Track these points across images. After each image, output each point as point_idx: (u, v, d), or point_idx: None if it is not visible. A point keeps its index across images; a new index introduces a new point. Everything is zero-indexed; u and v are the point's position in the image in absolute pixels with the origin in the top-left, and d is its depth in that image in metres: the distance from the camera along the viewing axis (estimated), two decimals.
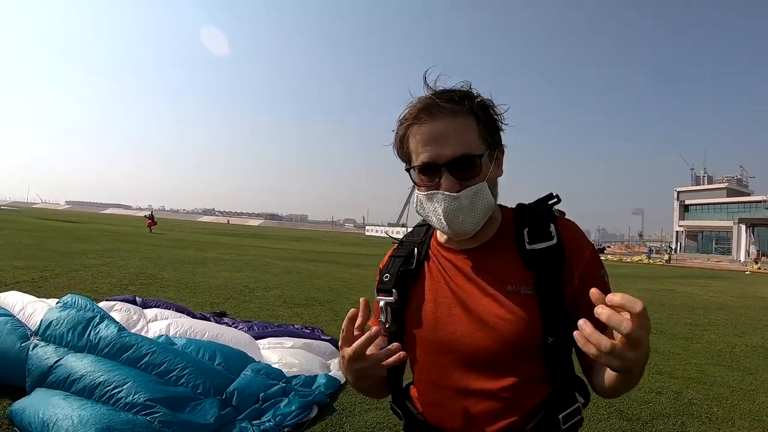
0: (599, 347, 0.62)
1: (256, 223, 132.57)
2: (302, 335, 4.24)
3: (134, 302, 4.22)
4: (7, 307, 3.39)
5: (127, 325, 3.52)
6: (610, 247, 66.55)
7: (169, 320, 3.75)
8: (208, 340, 3.44)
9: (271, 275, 10.15)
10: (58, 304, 3.34)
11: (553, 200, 0.92)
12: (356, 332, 0.82)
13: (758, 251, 39.11)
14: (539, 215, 0.89)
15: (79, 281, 7.17)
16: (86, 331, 2.97)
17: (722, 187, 56.36)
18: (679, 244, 56.59)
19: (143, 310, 4.00)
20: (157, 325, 3.66)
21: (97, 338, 2.92)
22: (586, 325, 0.64)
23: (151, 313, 3.95)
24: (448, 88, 0.86)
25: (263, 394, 2.92)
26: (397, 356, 0.80)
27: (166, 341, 3.23)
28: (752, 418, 3.44)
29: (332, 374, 3.53)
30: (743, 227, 42.19)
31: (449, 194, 0.83)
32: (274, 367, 3.32)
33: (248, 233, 43.35)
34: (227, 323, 4.31)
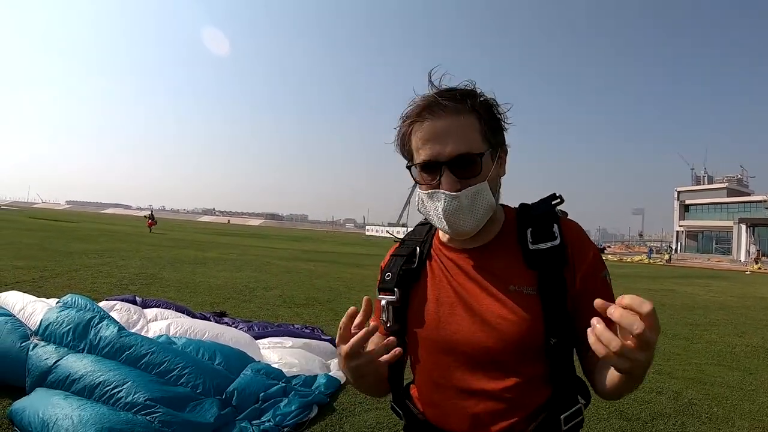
0: (609, 346, 0.62)
1: (256, 222, 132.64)
2: (302, 335, 4.24)
3: (134, 302, 4.21)
4: (7, 306, 3.39)
5: (127, 324, 3.52)
6: (610, 246, 66.56)
7: (169, 320, 3.75)
8: (208, 339, 3.44)
9: (271, 275, 10.15)
10: (58, 303, 3.34)
11: (556, 200, 0.91)
12: (354, 330, 0.82)
13: (758, 251, 39.13)
14: (542, 215, 0.89)
15: (79, 281, 7.17)
16: (86, 331, 2.96)
17: (722, 187, 56.33)
18: (679, 244, 56.57)
19: (143, 309, 4.00)
20: (157, 324, 3.66)
21: (97, 338, 2.92)
22: (598, 323, 0.64)
23: (151, 312, 3.95)
24: (451, 87, 0.86)
25: (263, 393, 2.92)
26: (393, 353, 0.80)
27: (166, 341, 3.23)
28: (752, 418, 3.44)
29: (332, 374, 3.53)
30: (743, 227, 42.18)
31: (449, 193, 0.83)
32: (274, 366, 3.32)
33: (248, 233, 43.37)
34: (227, 323, 4.31)
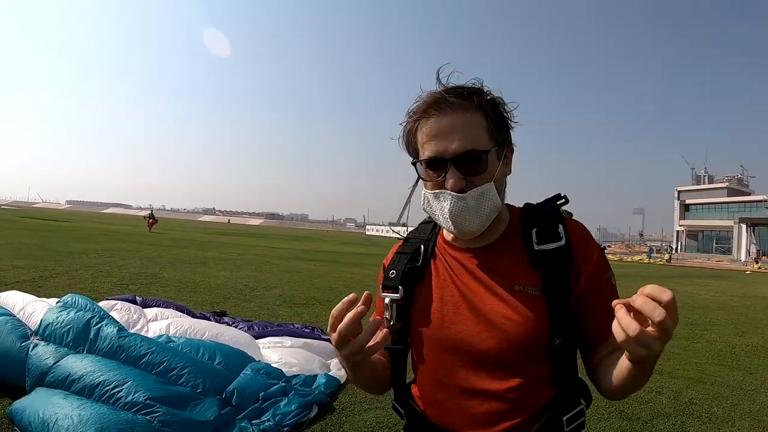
0: (628, 330, 0.62)
1: (256, 222, 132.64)
2: (302, 335, 4.24)
3: (134, 302, 4.21)
4: (7, 306, 3.39)
5: (127, 324, 3.52)
6: (610, 246, 66.52)
7: (169, 320, 3.74)
8: (208, 339, 3.44)
9: (271, 274, 10.15)
10: (58, 303, 3.34)
11: (560, 201, 0.91)
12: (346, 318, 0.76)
13: (758, 251, 39.12)
14: (547, 215, 0.89)
15: (79, 281, 7.17)
16: (86, 330, 2.96)
17: (723, 186, 56.28)
18: (679, 243, 56.52)
19: (143, 309, 4.00)
20: (157, 324, 3.66)
21: (97, 338, 2.92)
22: (619, 308, 0.65)
23: (151, 312, 3.95)
24: (459, 84, 0.85)
25: (263, 393, 2.92)
26: (377, 337, 0.76)
27: (166, 341, 3.23)
28: (752, 417, 3.44)
29: (332, 374, 3.53)
30: (744, 227, 42.15)
31: (456, 194, 0.82)
32: (273, 366, 3.32)
33: (249, 233, 43.37)
34: (227, 323, 4.31)
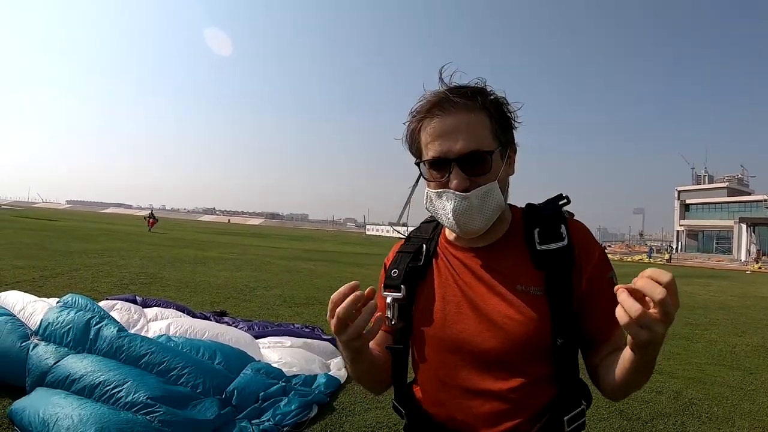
0: (630, 312, 0.63)
1: (256, 222, 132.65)
2: (302, 335, 4.24)
3: (134, 301, 4.21)
4: (7, 306, 3.39)
5: (127, 324, 3.52)
6: (610, 246, 66.47)
7: (169, 319, 3.75)
8: (208, 339, 3.44)
9: (271, 274, 10.16)
10: (58, 303, 3.35)
11: (562, 201, 0.91)
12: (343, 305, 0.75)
13: (759, 251, 39.09)
14: (550, 216, 0.89)
15: (79, 280, 7.17)
16: (86, 330, 2.97)
17: (723, 186, 56.24)
18: (679, 243, 56.48)
19: (143, 309, 4.00)
20: (157, 324, 3.66)
21: (97, 338, 2.92)
22: (621, 291, 0.66)
23: (151, 312, 3.95)
24: (462, 84, 0.85)
25: (263, 393, 2.93)
26: (375, 320, 0.76)
27: (166, 341, 3.23)
28: (752, 417, 3.44)
29: (332, 374, 3.54)
30: (744, 227, 42.12)
31: (459, 194, 0.82)
32: (274, 366, 3.33)
33: (249, 232, 43.37)
34: (227, 322, 4.31)
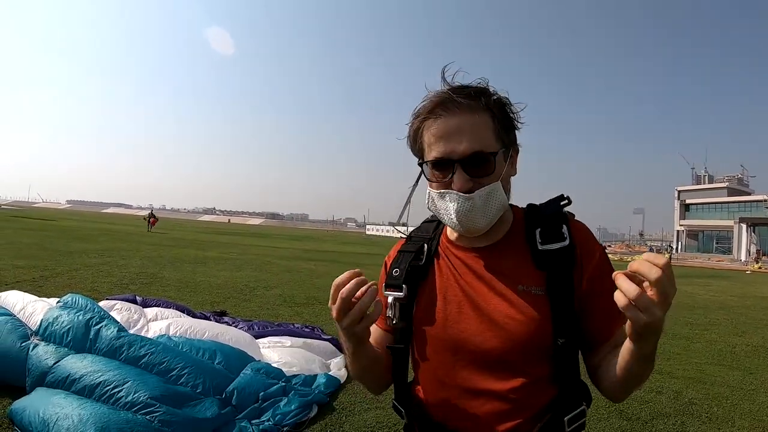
0: (628, 294, 0.64)
1: (256, 222, 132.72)
2: (302, 334, 4.24)
3: (134, 301, 4.21)
4: (7, 306, 3.39)
5: (127, 324, 3.52)
6: (610, 246, 66.46)
7: (169, 319, 3.75)
8: (208, 339, 3.44)
9: (271, 274, 10.16)
10: (58, 303, 3.34)
11: (564, 201, 0.91)
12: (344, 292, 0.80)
13: (759, 251, 39.09)
14: (551, 216, 0.89)
15: (79, 280, 7.17)
16: (86, 331, 2.97)
17: (723, 186, 56.26)
18: (679, 243, 56.47)
19: (143, 309, 4.00)
20: (157, 324, 3.66)
21: (97, 338, 2.92)
22: (619, 276, 0.67)
23: (151, 312, 3.95)
24: (464, 84, 0.85)
25: (263, 393, 2.93)
26: (376, 301, 0.79)
27: (166, 341, 3.23)
28: (752, 417, 3.44)
29: (332, 374, 3.54)
30: (744, 227, 42.12)
31: (463, 195, 0.82)
32: (274, 366, 3.33)
33: (249, 232, 43.38)
34: (227, 322, 4.31)
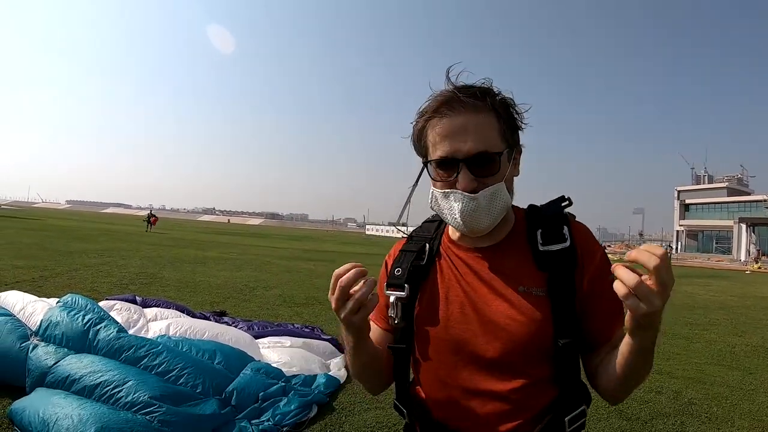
0: (628, 282, 0.65)
1: (256, 222, 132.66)
2: (302, 334, 4.24)
3: (134, 301, 4.21)
4: (7, 306, 3.39)
5: (127, 324, 3.52)
6: (610, 246, 66.37)
7: (169, 320, 3.75)
8: (208, 339, 3.44)
9: (271, 274, 10.16)
10: (58, 303, 3.34)
11: (565, 202, 0.91)
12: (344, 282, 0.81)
13: (758, 251, 39.10)
14: (552, 217, 0.89)
15: (79, 281, 7.17)
16: (86, 331, 2.97)
17: (723, 186, 56.26)
18: (679, 243, 56.47)
19: (143, 309, 4.00)
20: (157, 324, 3.66)
21: (96, 338, 2.92)
22: (618, 266, 0.68)
23: (151, 312, 3.95)
24: (469, 84, 0.85)
25: (263, 393, 2.93)
26: (369, 285, 0.80)
27: (166, 341, 3.23)
28: (752, 417, 3.44)
29: (332, 374, 3.53)
30: (744, 227, 42.12)
31: (468, 195, 0.82)
32: (273, 366, 3.33)
33: (249, 232, 43.37)
34: (227, 322, 4.31)
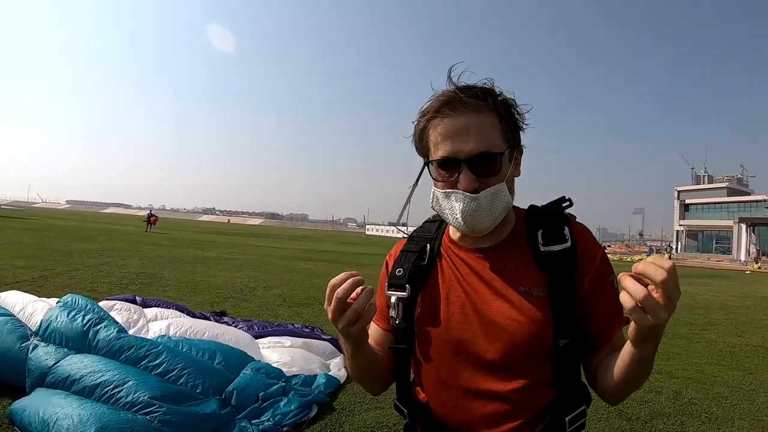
0: (635, 295, 0.65)
1: (256, 222, 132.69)
2: (302, 334, 4.24)
3: (134, 301, 4.22)
4: (7, 306, 3.39)
5: (127, 324, 3.52)
6: (610, 246, 66.44)
7: (169, 320, 3.75)
8: (208, 339, 3.44)
9: (271, 274, 10.16)
10: (58, 303, 3.34)
11: (565, 203, 0.91)
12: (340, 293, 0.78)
13: (758, 251, 39.11)
14: (553, 217, 0.89)
15: (79, 281, 7.17)
16: (86, 331, 2.96)
17: (723, 186, 56.29)
18: (679, 243, 56.50)
19: (143, 309, 4.00)
20: (157, 324, 3.66)
21: (96, 339, 2.92)
22: (625, 277, 0.67)
23: (151, 312, 3.95)
24: (470, 84, 0.85)
25: (263, 393, 2.93)
26: (366, 296, 0.78)
27: (166, 341, 3.23)
28: (752, 417, 3.44)
29: (332, 374, 3.53)
30: (743, 227, 42.12)
31: (469, 195, 0.82)
32: (273, 366, 3.33)
33: (248, 232, 43.38)
34: (227, 322, 4.31)
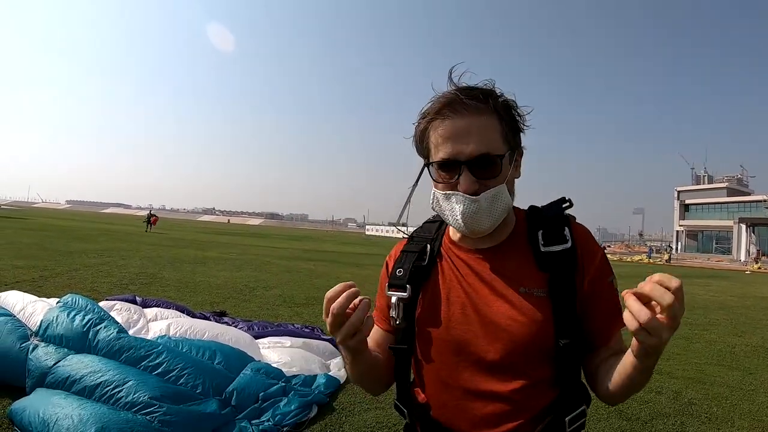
0: (639, 317, 0.64)
1: (256, 222, 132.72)
2: (302, 335, 4.24)
3: (134, 302, 4.22)
4: (7, 306, 3.39)
5: (127, 324, 3.52)
6: (610, 246, 66.43)
7: (169, 320, 3.75)
8: (208, 339, 3.44)
9: (271, 274, 10.16)
10: (58, 303, 3.34)
11: (565, 204, 0.91)
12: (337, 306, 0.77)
13: (758, 251, 39.11)
14: (553, 218, 0.89)
15: (79, 281, 7.17)
16: (86, 331, 2.96)
17: (722, 186, 56.28)
18: (679, 243, 56.50)
19: (143, 309, 4.00)
20: (157, 324, 3.66)
21: (96, 339, 2.92)
22: (629, 296, 0.66)
23: (151, 312, 3.95)
24: (471, 85, 0.85)
25: (263, 393, 2.93)
26: (361, 307, 0.77)
27: (166, 341, 3.23)
28: (752, 418, 3.45)
29: (332, 374, 3.54)
30: (743, 227, 42.12)
31: (469, 197, 0.82)
32: (273, 366, 3.33)
33: (248, 232, 43.39)
34: (227, 323, 4.31)
